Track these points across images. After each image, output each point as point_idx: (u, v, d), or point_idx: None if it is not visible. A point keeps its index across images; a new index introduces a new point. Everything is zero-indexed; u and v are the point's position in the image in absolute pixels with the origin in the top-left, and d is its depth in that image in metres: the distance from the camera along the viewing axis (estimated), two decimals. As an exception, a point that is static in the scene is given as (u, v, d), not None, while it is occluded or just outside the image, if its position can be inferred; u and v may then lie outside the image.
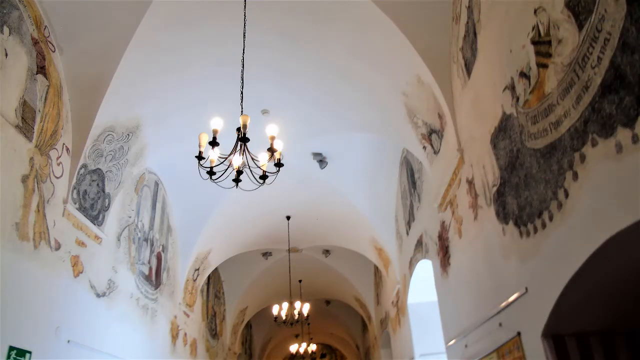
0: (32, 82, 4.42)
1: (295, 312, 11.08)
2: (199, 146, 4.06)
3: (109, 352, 5.76)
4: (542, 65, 2.87)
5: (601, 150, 2.32)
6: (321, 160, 8.00)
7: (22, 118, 4.26)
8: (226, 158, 4.16)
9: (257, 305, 14.68)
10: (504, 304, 3.61)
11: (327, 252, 12.19)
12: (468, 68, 4.23)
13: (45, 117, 4.62)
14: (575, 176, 2.58)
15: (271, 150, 4.24)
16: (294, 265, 11.92)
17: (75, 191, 5.12)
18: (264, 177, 4.26)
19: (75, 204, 5.11)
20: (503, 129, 3.54)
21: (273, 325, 14.86)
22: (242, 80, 4.54)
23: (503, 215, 3.67)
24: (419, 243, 6.89)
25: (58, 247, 4.79)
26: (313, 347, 16.39)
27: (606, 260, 2.46)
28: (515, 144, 3.34)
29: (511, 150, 3.43)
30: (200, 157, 4.01)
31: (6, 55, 4.04)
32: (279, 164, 4.35)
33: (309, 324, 13.10)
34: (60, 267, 4.82)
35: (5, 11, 4.07)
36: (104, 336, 5.73)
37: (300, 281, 13.56)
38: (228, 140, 4.57)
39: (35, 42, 4.48)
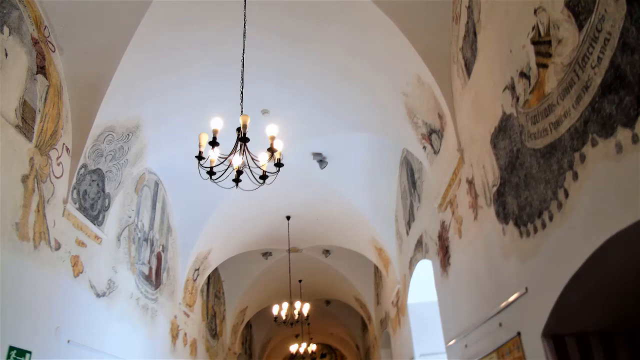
0: (32, 82, 4.42)
1: (295, 312, 11.08)
2: (199, 146, 4.06)
3: (109, 352, 5.76)
4: (542, 65, 2.87)
5: (601, 150, 2.32)
6: (321, 160, 8.00)
7: (22, 118, 4.26)
8: (226, 158, 4.16)
9: (257, 305, 14.68)
10: (504, 304, 3.61)
11: (327, 252, 12.19)
12: (468, 68, 4.23)
13: (45, 117, 4.62)
14: (575, 176, 2.58)
15: (271, 150, 4.24)
16: (294, 265, 11.92)
17: (75, 191, 5.12)
18: (264, 177, 4.26)
19: (75, 204, 5.11)
20: (503, 129, 3.54)
21: (273, 325, 14.87)
22: (242, 80, 4.54)
23: (503, 215, 3.67)
24: (419, 243, 6.89)
25: (58, 247, 4.79)
26: (313, 347, 16.40)
27: (606, 260, 2.46)
28: (515, 144, 3.34)
29: (511, 150, 3.43)
30: (200, 157, 4.01)
31: (6, 55, 4.04)
32: (279, 164, 4.35)
33: (309, 324, 13.10)
34: (60, 267, 4.82)
35: (5, 11, 4.07)
36: (104, 336, 5.73)
37: (300, 281, 13.56)
38: (228, 140, 4.58)
39: (35, 42, 4.48)
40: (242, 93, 4.50)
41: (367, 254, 10.51)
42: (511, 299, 3.46)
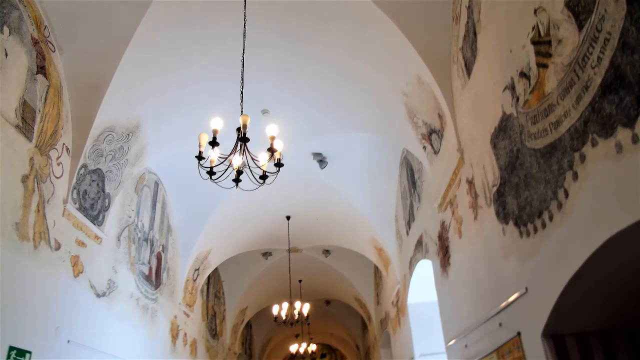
0: (32, 82, 4.42)
1: (295, 312, 11.09)
2: (199, 146, 4.06)
3: (109, 352, 5.76)
4: (542, 65, 2.87)
5: (601, 150, 2.32)
6: (321, 160, 8.00)
7: (22, 118, 4.26)
8: (226, 158, 4.17)
9: (257, 305, 14.68)
10: (504, 304, 3.61)
11: (327, 252, 12.19)
12: (468, 68, 4.23)
13: (45, 117, 4.62)
14: (575, 176, 2.58)
15: (271, 150, 4.24)
16: (294, 265, 11.93)
17: (75, 191, 5.12)
18: (264, 177, 4.26)
19: (75, 204, 5.11)
20: (503, 129, 3.54)
21: (273, 325, 14.87)
22: (242, 80, 4.54)
23: (503, 215, 3.67)
24: (419, 243, 6.89)
25: (58, 247, 4.79)
26: (313, 347, 16.40)
27: (606, 260, 2.46)
28: (515, 144, 3.34)
29: (511, 150, 3.43)
30: (200, 157, 4.02)
31: (6, 55, 4.04)
32: (279, 164, 4.35)
33: (309, 324, 13.11)
34: (60, 267, 4.82)
35: (5, 11, 4.07)
36: (104, 336, 5.73)
37: (300, 281, 13.56)
38: (228, 140, 4.58)
39: (35, 42, 4.48)
40: (242, 93, 4.50)
41: (367, 254, 10.51)
42: (511, 299, 3.46)
